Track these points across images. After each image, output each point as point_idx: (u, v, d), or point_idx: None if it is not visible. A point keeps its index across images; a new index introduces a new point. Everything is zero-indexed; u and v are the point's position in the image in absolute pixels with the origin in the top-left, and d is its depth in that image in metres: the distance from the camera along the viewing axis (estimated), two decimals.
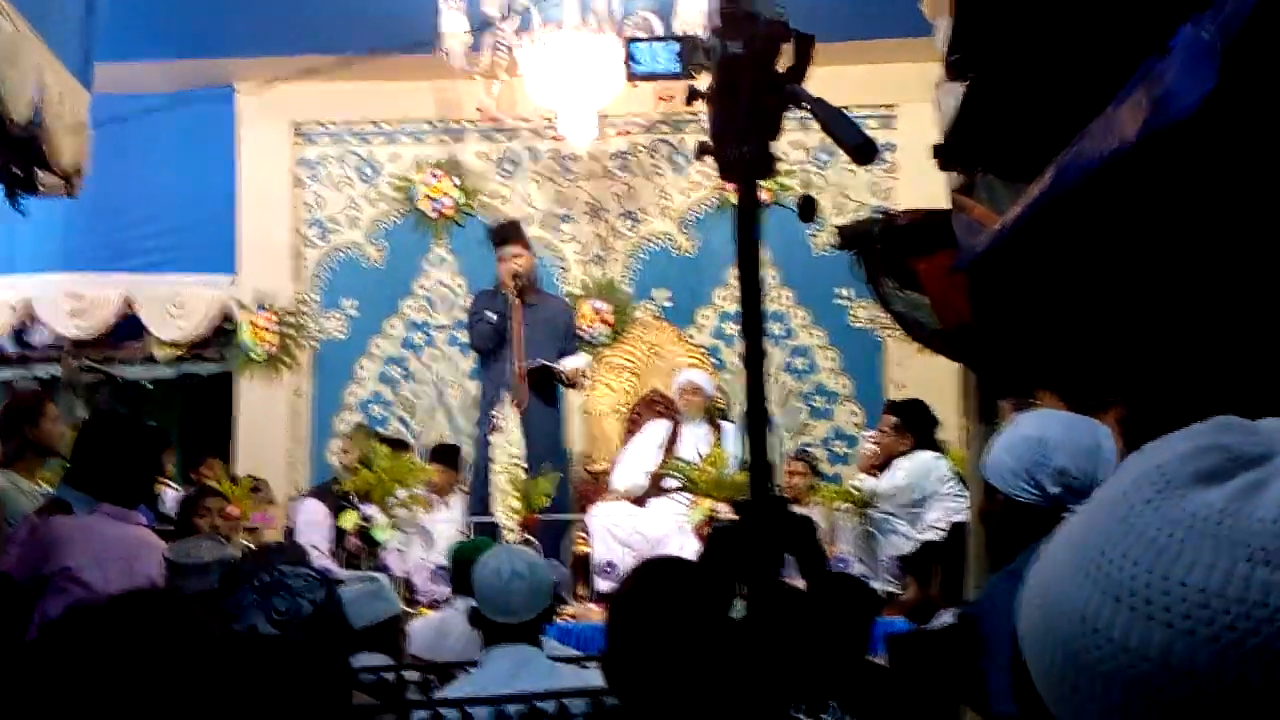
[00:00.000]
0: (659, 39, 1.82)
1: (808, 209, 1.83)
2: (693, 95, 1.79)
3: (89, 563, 3.78)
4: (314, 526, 6.31)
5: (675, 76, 1.80)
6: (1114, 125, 2.76)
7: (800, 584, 1.87)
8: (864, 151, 1.50)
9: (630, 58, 1.79)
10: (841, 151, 6.02)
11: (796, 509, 1.79)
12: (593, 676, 3.11)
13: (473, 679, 3.32)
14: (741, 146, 1.73)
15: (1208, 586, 0.53)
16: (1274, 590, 0.52)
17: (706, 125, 1.77)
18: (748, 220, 1.73)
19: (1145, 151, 2.67)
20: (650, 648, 2.51)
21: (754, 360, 1.70)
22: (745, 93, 1.68)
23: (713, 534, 1.72)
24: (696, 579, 2.53)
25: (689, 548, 6.09)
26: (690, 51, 1.80)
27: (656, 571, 2.56)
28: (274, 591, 1.93)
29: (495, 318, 6.95)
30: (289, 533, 6.54)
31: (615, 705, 2.82)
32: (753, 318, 1.69)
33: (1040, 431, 2.54)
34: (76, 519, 4.00)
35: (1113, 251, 3.06)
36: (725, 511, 5.91)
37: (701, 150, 1.78)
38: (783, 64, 1.73)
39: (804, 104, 1.63)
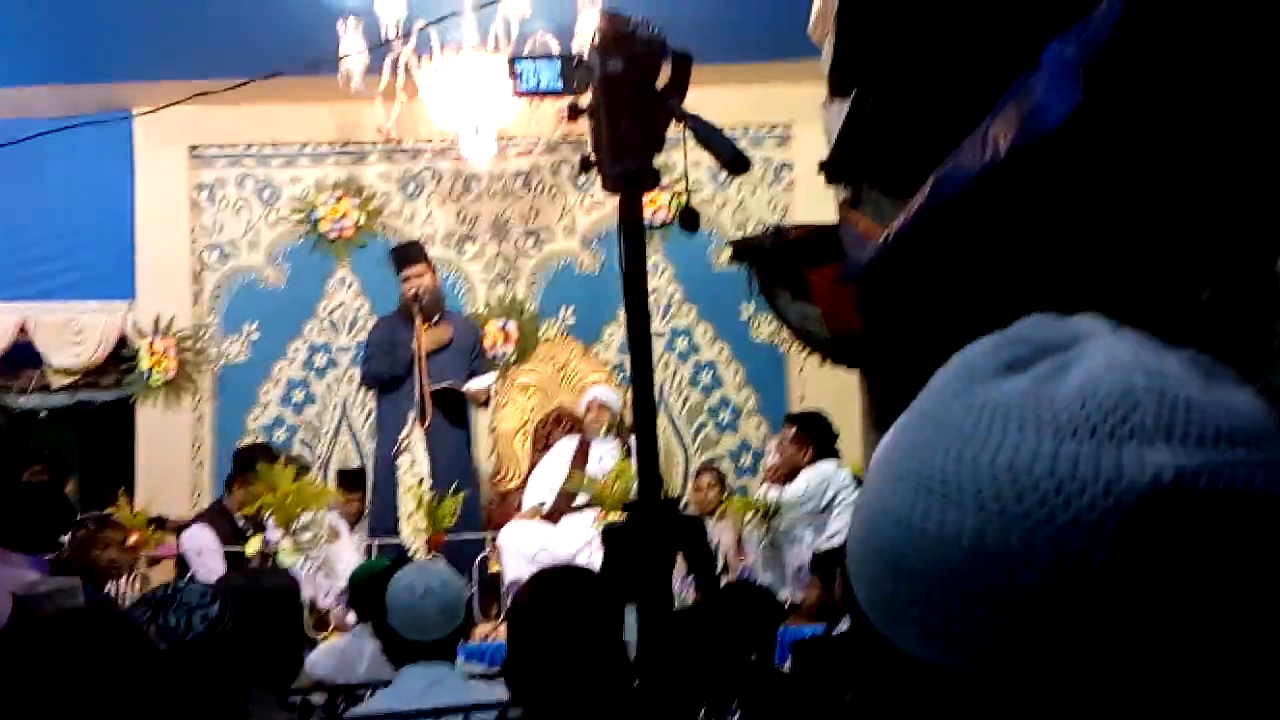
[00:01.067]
0: (543, 57, 1.89)
1: (690, 220, 1.90)
2: (574, 111, 1.85)
3: None
4: (206, 553, 6.25)
5: (559, 93, 1.86)
6: (987, 139, 2.88)
7: (691, 588, 1.94)
8: (736, 164, 1.57)
9: (515, 75, 1.85)
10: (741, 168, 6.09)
11: (690, 512, 1.85)
12: (504, 692, 3.14)
13: (384, 696, 3.32)
14: (623, 161, 1.79)
15: (1015, 465, 0.53)
16: (1081, 462, 0.52)
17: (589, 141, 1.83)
18: (632, 231, 1.80)
19: (1017, 163, 2.79)
20: (547, 654, 2.57)
21: (640, 366, 1.76)
22: (625, 109, 1.74)
23: (604, 535, 1.77)
24: (591, 586, 2.59)
25: (598, 563, 6.13)
26: (573, 69, 1.86)
27: (551, 580, 2.61)
28: (166, 606, 1.94)
29: (397, 341, 6.92)
30: (180, 560, 6.45)
31: (519, 716, 2.87)
32: (638, 324, 1.76)
33: None
34: None
35: (990, 258, 3.18)
36: None
37: (584, 165, 1.84)
38: (661, 82, 1.80)
39: (680, 119, 1.70)
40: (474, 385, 7.08)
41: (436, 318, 7.13)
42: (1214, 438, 0.52)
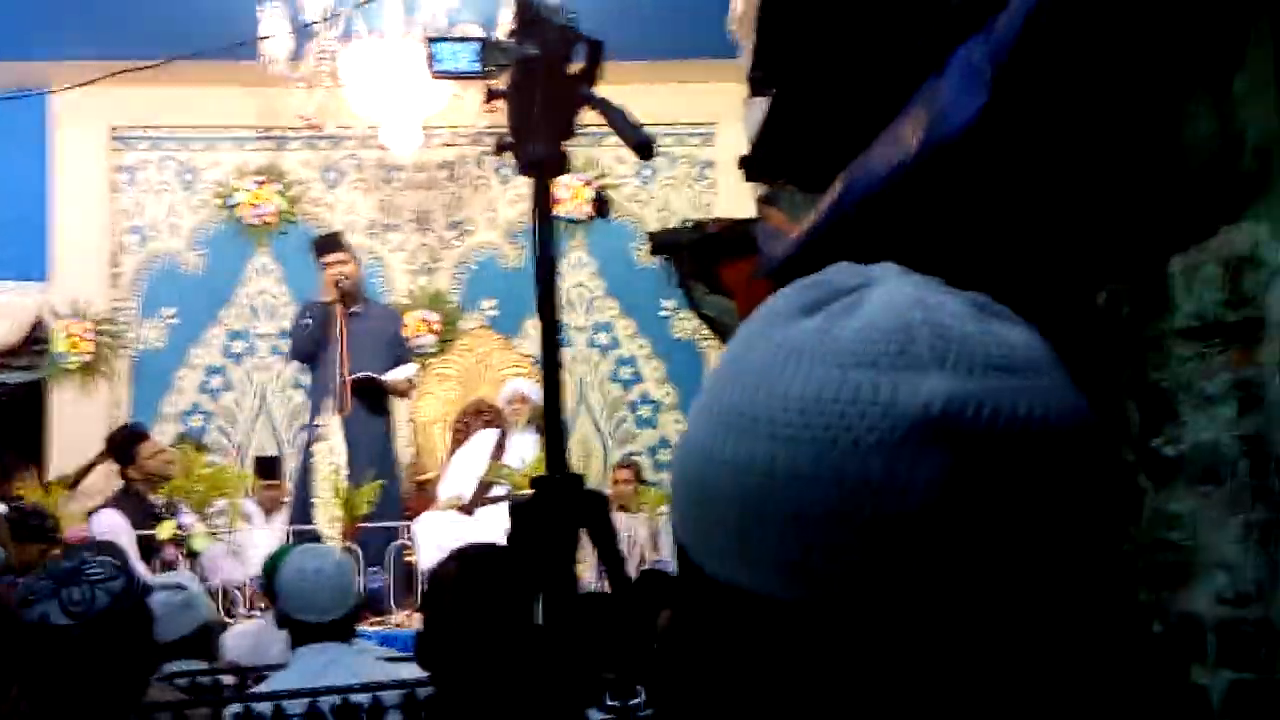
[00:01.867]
0: (460, 39, 1.92)
1: (602, 206, 1.95)
2: (491, 95, 1.89)
3: None
4: (115, 537, 6.18)
5: (475, 76, 1.89)
6: (898, 139, 2.96)
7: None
8: (644, 148, 1.62)
9: (432, 56, 1.89)
10: (660, 168, 6.18)
11: (592, 487, 1.90)
12: (404, 671, 3.16)
13: (281, 677, 3.32)
14: (535, 145, 1.83)
15: (805, 394, 0.57)
16: (863, 388, 0.56)
17: (506, 123, 1.87)
18: (543, 214, 1.84)
19: (924, 164, 2.86)
20: (460, 631, 2.61)
21: (549, 344, 1.80)
22: (538, 92, 1.79)
23: (511, 508, 1.81)
24: (503, 563, 2.63)
25: None
26: (489, 52, 1.90)
27: (466, 557, 2.65)
28: (70, 580, 1.94)
29: (312, 324, 6.90)
30: (90, 544, 6.38)
31: (428, 696, 2.90)
32: (547, 304, 1.80)
33: None
34: None
35: (897, 257, 3.26)
36: None
37: (500, 147, 1.88)
38: (575, 68, 1.84)
39: (592, 104, 1.74)
40: (394, 375, 7.07)
41: (359, 307, 7.10)
42: (984, 366, 0.57)
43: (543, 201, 1.83)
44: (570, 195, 8.23)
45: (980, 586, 0.56)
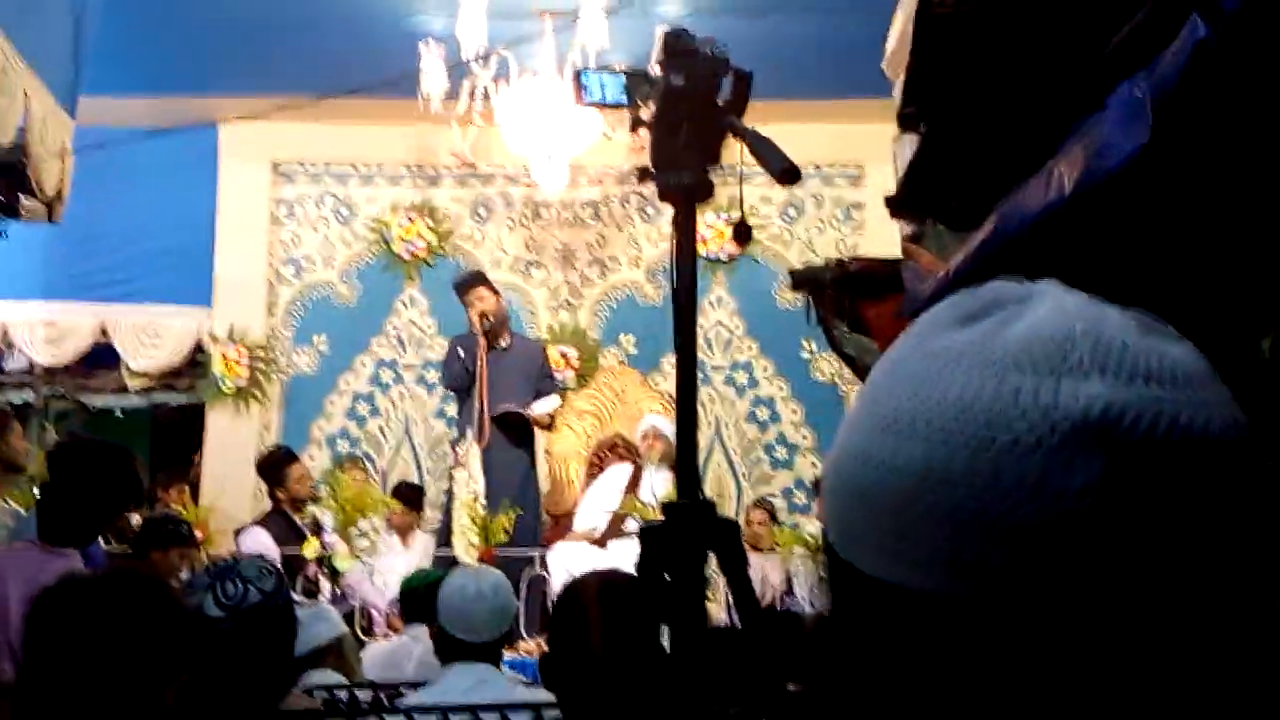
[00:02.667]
0: (609, 70, 1.96)
1: (743, 233, 1.97)
2: (636, 123, 1.92)
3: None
4: (264, 554, 6.36)
5: (622, 106, 1.93)
6: (1052, 178, 2.91)
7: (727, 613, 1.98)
8: (788, 175, 1.63)
9: (581, 87, 1.93)
10: (806, 209, 6.15)
11: (724, 515, 1.90)
12: (541, 696, 3.19)
13: (428, 692, 3.39)
14: (680, 172, 1.86)
15: (962, 398, 0.59)
16: (1022, 392, 0.58)
17: (649, 152, 1.90)
18: (684, 240, 1.86)
19: (1080, 203, 2.82)
20: (583, 655, 2.63)
21: (685, 368, 1.82)
22: (684, 121, 1.81)
23: (641, 533, 1.82)
24: (631, 590, 2.65)
25: None
26: (637, 83, 1.94)
27: (592, 583, 2.67)
28: (225, 576, 2.03)
29: (465, 357, 7.03)
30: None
31: (556, 717, 2.92)
32: (686, 329, 1.82)
33: None
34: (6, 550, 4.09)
35: None
36: None
37: (643, 175, 1.91)
38: (722, 98, 1.86)
39: (736, 132, 1.76)
40: (538, 408, 7.16)
41: (506, 342, 7.21)
42: (1144, 376, 0.58)
43: (684, 227, 1.85)
44: (713, 234, 8.27)
45: (1133, 592, 0.56)
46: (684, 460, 1.86)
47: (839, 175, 8.49)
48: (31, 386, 8.41)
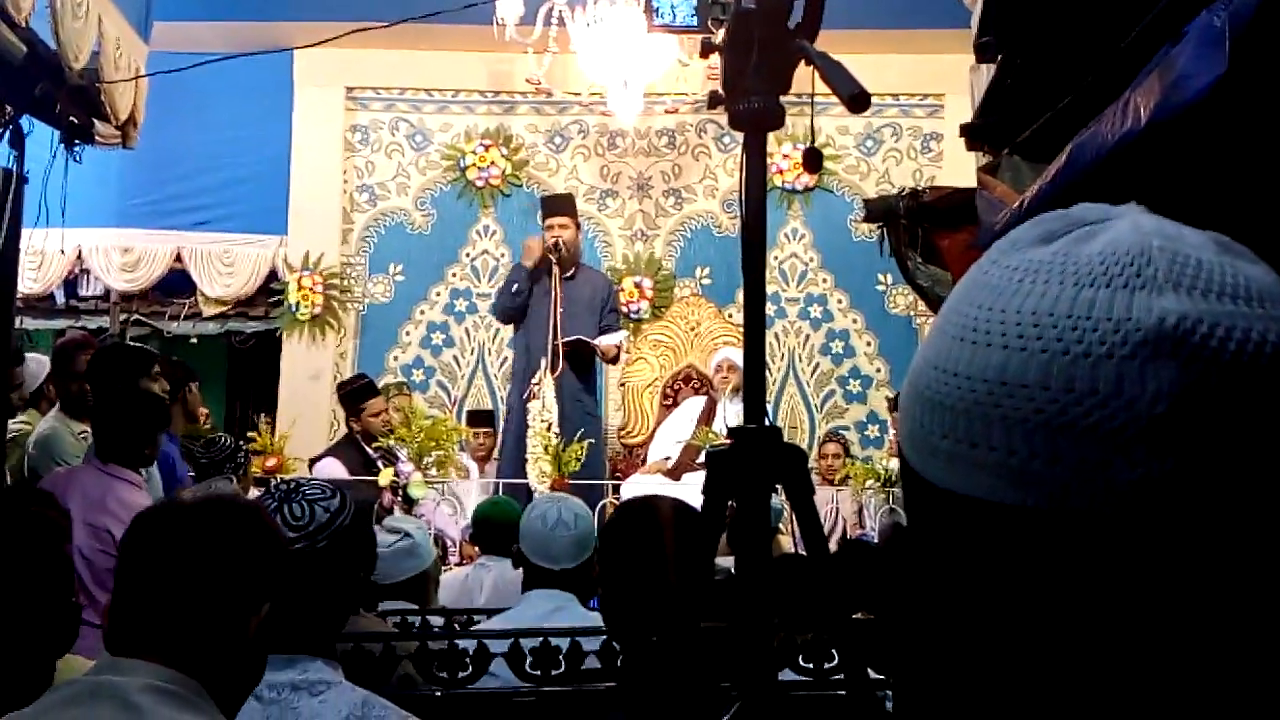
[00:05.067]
0: None
1: (813, 159, 1.94)
2: (707, 48, 1.90)
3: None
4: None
5: (693, 30, 1.91)
6: (1129, 108, 2.84)
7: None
8: (858, 101, 1.60)
9: (651, 9, 1.91)
10: (884, 139, 6.07)
11: (790, 441, 1.89)
12: None
13: (506, 616, 3.43)
14: (751, 98, 1.83)
15: (1038, 309, 0.60)
16: (1097, 305, 0.59)
17: (720, 76, 1.88)
18: (754, 167, 1.84)
19: (1157, 133, 2.75)
20: (631, 580, 2.67)
21: (753, 297, 1.81)
22: (755, 46, 1.79)
23: (709, 457, 1.83)
24: (678, 513, 2.68)
25: None
26: (708, 6, 1.91)
27: (638, 507, 2.70)
28: (291, 498, 2.06)
29: (520, 287, 6.97)
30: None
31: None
32: (755, 258, 1.80)
33: None
34: (69, 471, 4.21)
35: None
36: None
37: (713, 100, 1.89)
38: (793, 21, 1.83)
39: (807, 57, 1.73)
40: (606, 340, 7.15)
41: (572, 271, 7.19)
42: (1219, 292, 0.59)
43: (754, 154, 1.83)
44: (790, 165, 8.19)
45: (1208, 500, 0.57)
46: (751, 387, 1.86)
47: (917, 106, 8.35)
48: (107, 313, 8.56)
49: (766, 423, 1.84)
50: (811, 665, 2.94)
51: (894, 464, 6.52)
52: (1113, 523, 0.57)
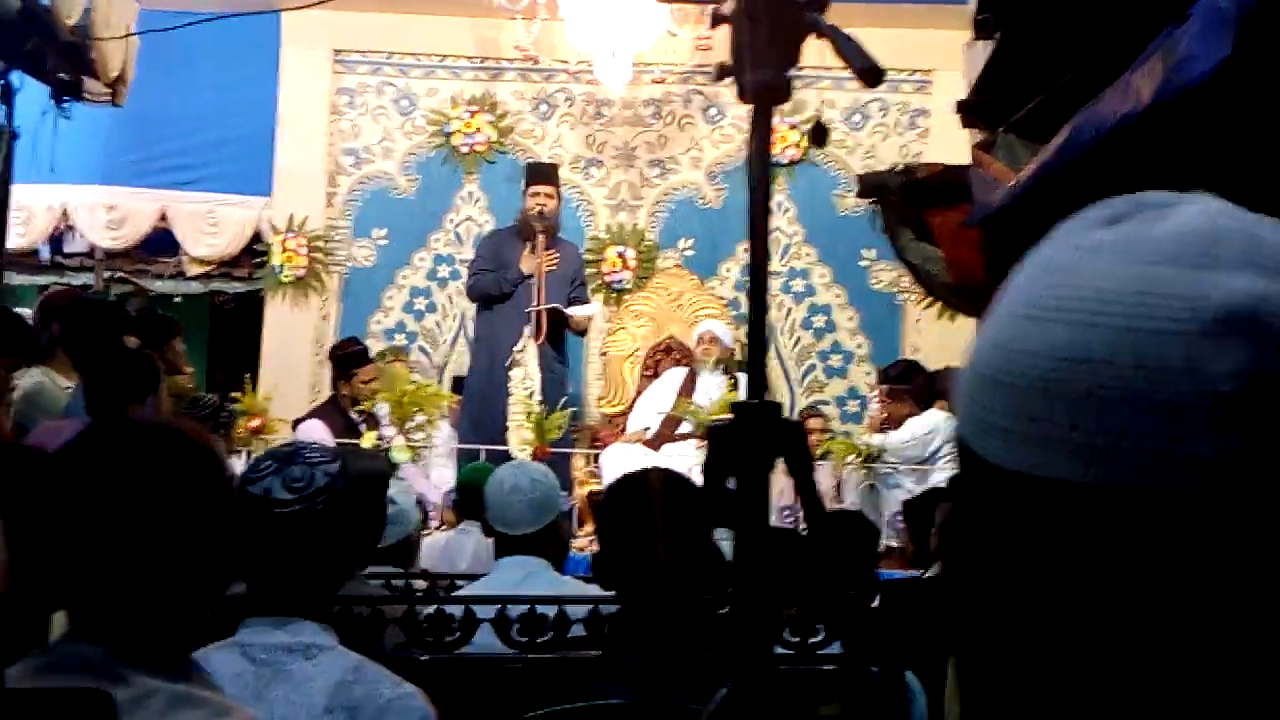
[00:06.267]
0: None
1: (819, 134, 1.94)
2: (716, 19, 1.88)
3: None
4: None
5: (703, 1, 1.89)
6: (1130, 88, 2.85)
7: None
8: (871, 75, 1.59)
9: None
10: (871, 114, 6.08)
11: (790, 417, 1.90)
12: (597, 590, 3.23)
13: (482, 583, 3.45)
14: (759, 70, 1.82)
15: (1106, 286, 0.60)
16: (1167, 282, 0.58)
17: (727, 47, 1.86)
18: (761, 141, 1.83)
19: (1158, 115, 2.76)
20: (631, 552, 2.68)
21: (757, 271, 1.80)
22: (765, 18, 1.77)
23: (709, 432, 1.83)
24: (675, 485, 2.70)
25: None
26: None
27: (638, 480, 2.71)
28: (291, 461, 2.05)
29: (506, 289, 6.93)
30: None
31: (613, 613, 2.96)
32: (759, 232, 1.80)
33: None
34: (58, 425, 4.19)
35: None
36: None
37: (721, 73, 1.87)
38: None
39: (820, 30, 1.72)
40: (581, 312, 7.11)
41: (551, 241, 7.14)
42: None
43: (761, 128, 1.82)
44: (776, 138, 8.18)
45: (1271, 483, 0.56)
46: (754, 362, 1.86)
47: (905, 81, 8.34)
48: (92, 270, 8.51)
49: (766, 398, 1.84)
50: (797, 640, 2.96)
51: (875, 439, 6.55)
52: (1179, 500, 0.57)
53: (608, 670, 2.69)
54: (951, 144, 6.78)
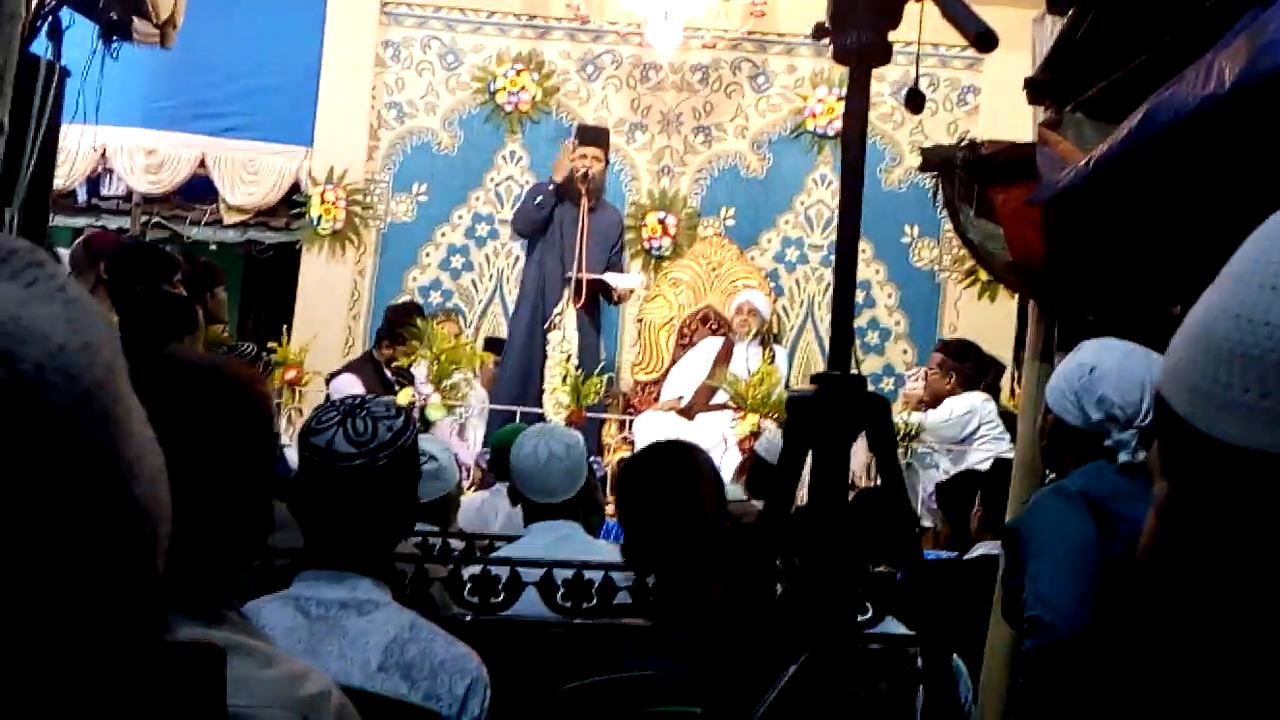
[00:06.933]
0: None
1: (916, 100, 1.88)
2: None
3: None
4: None
5: None
6: (1210, 72, 2.76)
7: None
8: (985, 40, 1.54)
9: None
10: (925, 88, 5.95)
11: (875, 391, 1.85)
12: None
13: (516, 547, 3.42)
14: (858, 32, 1.77)
15: None
16: None
17: (825, 6, 1.81)
18: (859, 105, 1.78)
19: (1240, 101, 2.68)
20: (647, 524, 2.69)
21: (847, 241, 1.76)
22: None
23: (789, 402, 1.78)
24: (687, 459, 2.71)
25: (731, 461, 6.18)
26: None
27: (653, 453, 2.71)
28: (355, 414, 2.01)
29: (543, 202, 6.89)
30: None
31: (656, 582, 2.93)
32: (851, 200, 1.75)
33: (1094, 360, 2.60)
34: None
35: (1196, 200, 3.08)
36: (771, 429, 5.99)
37: (818, 32, 1.82)
38: None
39: None
40: (622, 282, 7.07)
41: (595, 204, 7.10)
42: None
43: (859, 90, 1.77)
44: (824, 109, 8.09)
45: None
46: (838, 334, 1.81)
47: (956, 57, 8.22)
48: (129, 214, 8.48)
49: (853, 370, 1.79)
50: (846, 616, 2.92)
51: (913, 418, 6.49)
52: None
53: (659, 642, 2.66)
54: (1002, 121, 6.69)
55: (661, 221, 8.21)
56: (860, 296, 8.27)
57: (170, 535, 1.35)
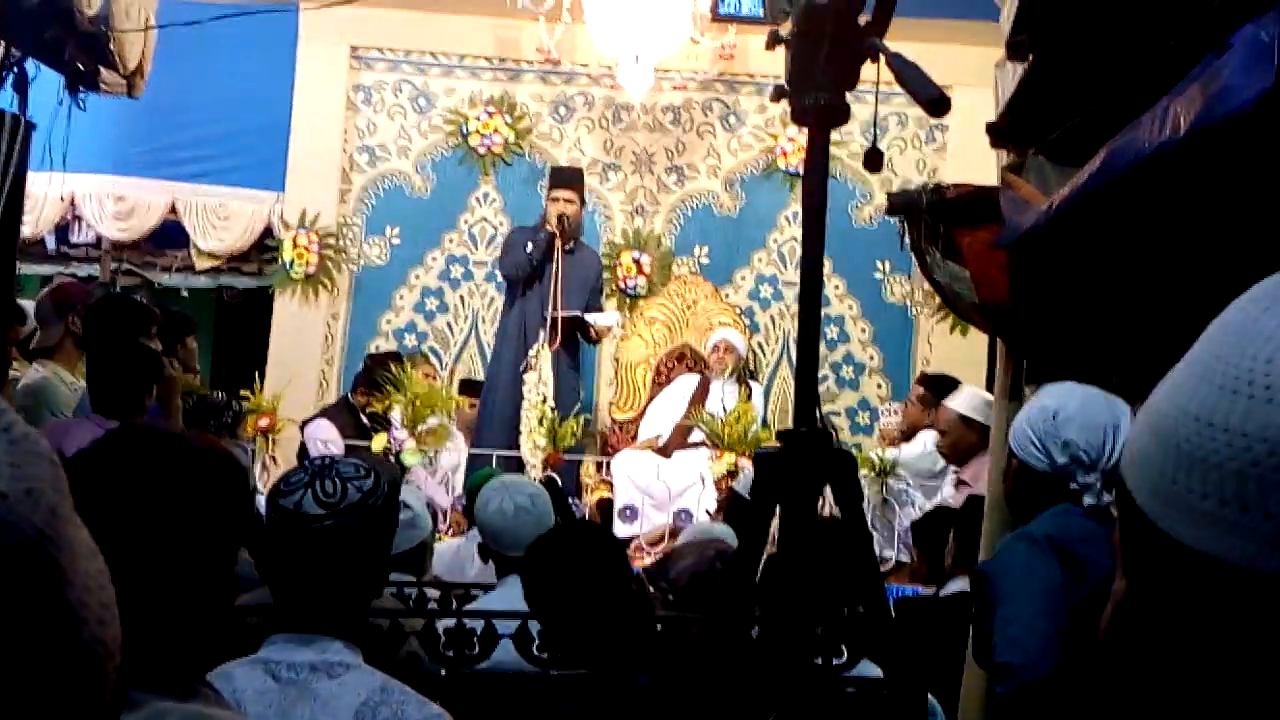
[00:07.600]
0: None
1: (874, 160, 1.91)
2: (773, 40, 1.86)
3: None
4: (328, 445, 6.39)
5: (758, 21, 1.87)
6: (1167, 117, 2.81)
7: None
8: (938, 105, 1.57)
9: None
10: (889, 128, 6.05)
11: (841, 447, 1.87)
12: None
13: (493, 598, 3.42)
14: (817, 94, 1.80)
15: None
16: None
17: (784, 70, 1.84)
18: (818, 164, 1.81)
19: (1194, 145, 2.72)
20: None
21: (809, 291, 1.78)
22: (825, 41, 1.75)
23: (756, 458, 1.80)
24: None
25: (708, 500, 6.20)
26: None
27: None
28: (324, 475, 2.02)
29: (534, 250, 6.93)
30: (302, 450, 6.60)
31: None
32: (813, 251, 1.77)
33: (1057, 404, 2.63)
34: (64, 423, 4.15)
35: (1156, 237, 3.12)
36: (749, 467, 6.01)
37: (778, 94, 1.85)
38: (864, 18, 1.80)
39: (882, 57, 1.70)
40: (601, 320, 7.10)
41: (572, 245, 7.13)
42: None
43: (818, 150, 1.80)
44: (794, 148, 8.16)
45: None
46: (802, 387, 1.83)
47: None
48: (98, 261, 8.45)
49: (818, 425, 1.81)
50: (820, 661, 2.93)
51: (888, 454, 6.51)
52: None
53: (618, 689, 2.66)
54: (970, 159, 6.77)
55: (636, 261, 8.24)
56: (834, 332, 8.32)
57: (137, 612, 1.36)
